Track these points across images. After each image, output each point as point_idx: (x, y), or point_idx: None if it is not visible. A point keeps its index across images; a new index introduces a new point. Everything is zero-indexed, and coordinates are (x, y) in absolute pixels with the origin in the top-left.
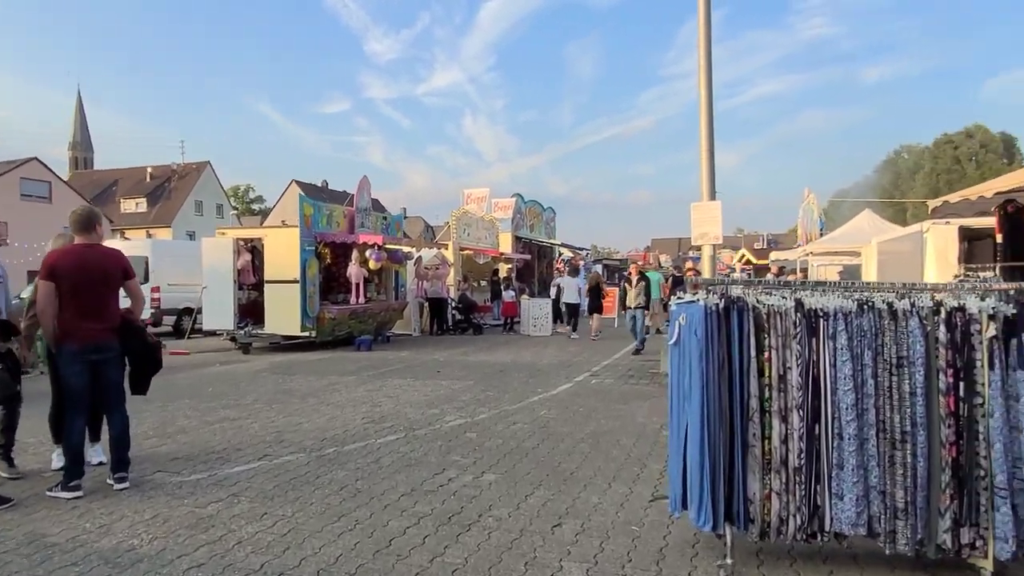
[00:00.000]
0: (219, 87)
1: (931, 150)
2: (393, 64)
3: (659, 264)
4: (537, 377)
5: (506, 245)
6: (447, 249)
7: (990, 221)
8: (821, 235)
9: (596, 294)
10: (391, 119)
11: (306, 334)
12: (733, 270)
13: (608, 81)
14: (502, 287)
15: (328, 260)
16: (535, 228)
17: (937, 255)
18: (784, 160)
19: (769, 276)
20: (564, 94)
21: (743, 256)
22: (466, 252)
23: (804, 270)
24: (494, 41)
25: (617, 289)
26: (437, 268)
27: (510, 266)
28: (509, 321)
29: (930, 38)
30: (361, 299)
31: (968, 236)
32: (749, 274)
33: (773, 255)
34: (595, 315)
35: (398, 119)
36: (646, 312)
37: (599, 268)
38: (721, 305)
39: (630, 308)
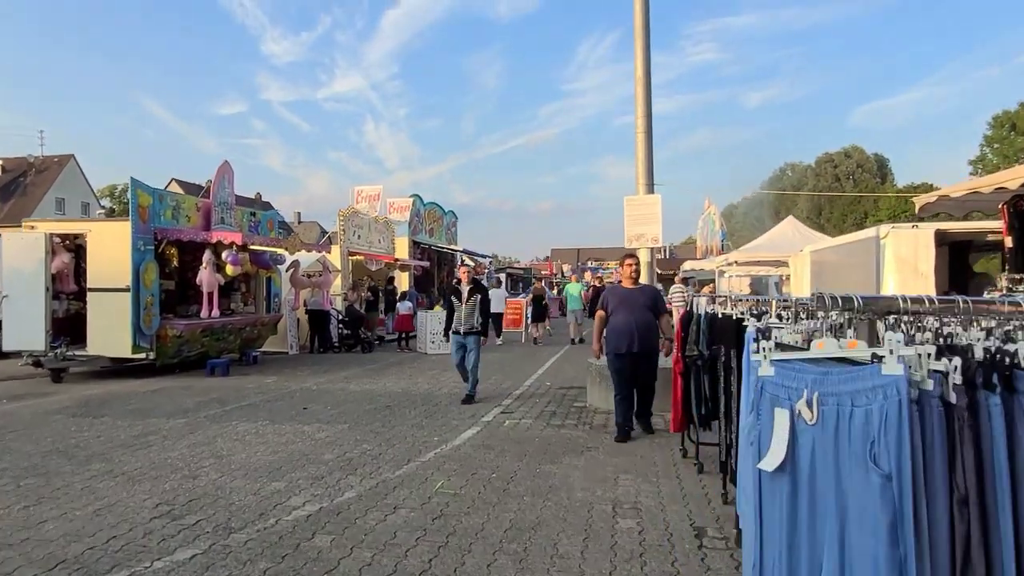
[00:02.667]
0: (93, 77)
1: (813, 168)
2: (292, 67)
3: (563, 273)
4: (434, 416)
5: (403, 250)
6: (331, 253)
7: (974, 225)
8: (723, 246)
9: (538, 303)
10: (290, 123)
11: (141, 356)
12: None
13: (510, 93)
14: (396, 297)
15: (175, 263)
16: (435, 233)
17: (899, 264)
18: (676, 175)
19: (677, 285)
20: (467, 104)
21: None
22: (356, 257)
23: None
24: (397, 49)
25: (523, 302)
26: (319, 275)
27: (389, 275)
28: (404, 337)
29: (806, 67)
30: (216, 311)
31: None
32: None
33: (688, 264)
34: (538, 324)
35: (297, 123)
36: (484, 339)
37: (502, 277)
38: (957, 379)
39: (459, 333)
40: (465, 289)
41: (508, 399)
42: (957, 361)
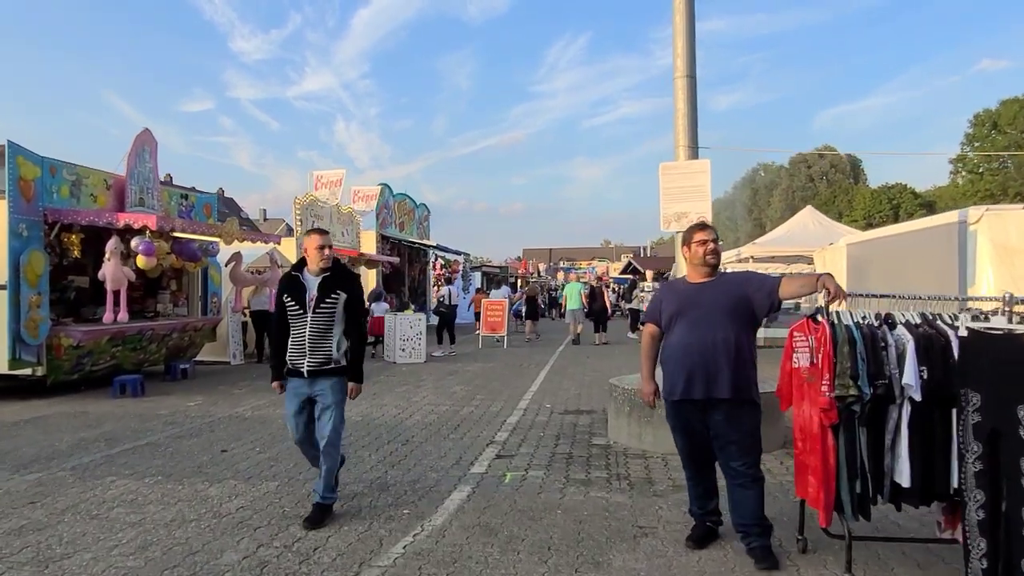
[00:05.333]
0: (51, 70)
1: (787, 169)
2: (262, 64)
3: (539, 273)
4: (403, 463)
5: (370, 245)
6: (280, 244)
7: None
8: None
9: (532, 303)
10: (259, 121)
11: (27, 372)
12: (627, 282)
13: (481, 94)
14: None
15: (77, 252)
16: (406, 227)
17: (1001, 254)
18: (647, 175)
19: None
20: (439, 104)
21: (629, 266)
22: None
23: None
24: (368, 48)
25: (506, 301)
26: (267, 271)
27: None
28: (372, 342)
29: (771, 72)
30: (124, 314)
31: None
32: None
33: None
34: (530, 321)
35: (267, 121)
36: (353, 388)
37: (478, 275)
38: None
39: (299, 375)
40: (314, 283)
41: (502, 432)
42: None
